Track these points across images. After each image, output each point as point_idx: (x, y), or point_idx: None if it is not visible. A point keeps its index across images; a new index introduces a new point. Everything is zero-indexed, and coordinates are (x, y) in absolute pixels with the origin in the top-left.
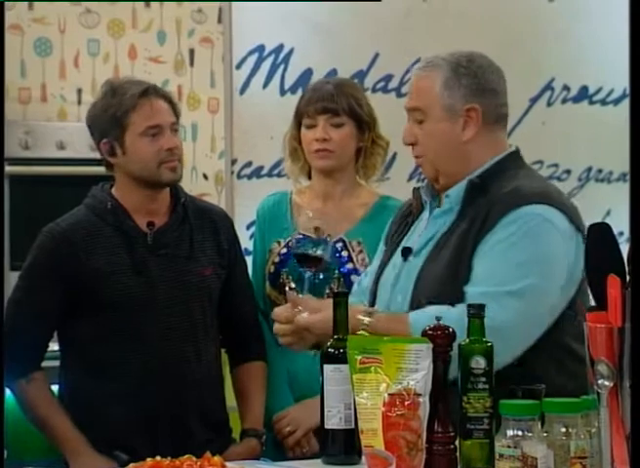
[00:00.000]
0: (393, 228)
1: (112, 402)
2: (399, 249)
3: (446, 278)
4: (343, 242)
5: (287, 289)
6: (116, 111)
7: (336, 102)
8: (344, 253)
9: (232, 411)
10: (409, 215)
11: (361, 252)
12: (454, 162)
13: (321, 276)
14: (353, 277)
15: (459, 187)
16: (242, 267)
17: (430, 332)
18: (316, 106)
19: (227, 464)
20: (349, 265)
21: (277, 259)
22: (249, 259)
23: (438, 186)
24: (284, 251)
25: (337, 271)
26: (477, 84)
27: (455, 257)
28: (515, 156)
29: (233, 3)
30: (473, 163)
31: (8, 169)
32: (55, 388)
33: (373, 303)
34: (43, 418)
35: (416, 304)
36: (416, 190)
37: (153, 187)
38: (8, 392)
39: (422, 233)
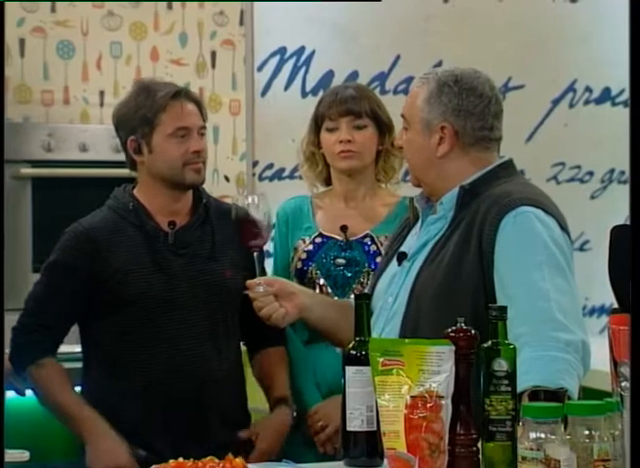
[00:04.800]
0: (391, 239)
1: (132, 401)
2: (395, 256)
3: (444, 282)
4: (371, 237)
5: (317, 285)
6: (147, 110)
7: (358, 105)
8: (373, 248)
9: (254, 413)
10: (406, 227)
11: None
12: (429, 174)
13: (349, 273)
14: (373, 276)
15: (451, 194)
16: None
17: (452, 334)
18: (339, 109)
19: (249, 466)
20: (379, 259)
21: (304, 256)
22: (270, 261)
23: (425, 194)
24: (310, 247)
25: (366, 265)
26: (456, 104)
27: (454, 261)
28: (507, 165)
29: (255, 5)
30: (453, 178)
31: (30, 171)
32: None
33: None
34: (56, 401)
35: (414, 306)
36: (411, 200)
37: (176, 188)
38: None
39: (416, 239)
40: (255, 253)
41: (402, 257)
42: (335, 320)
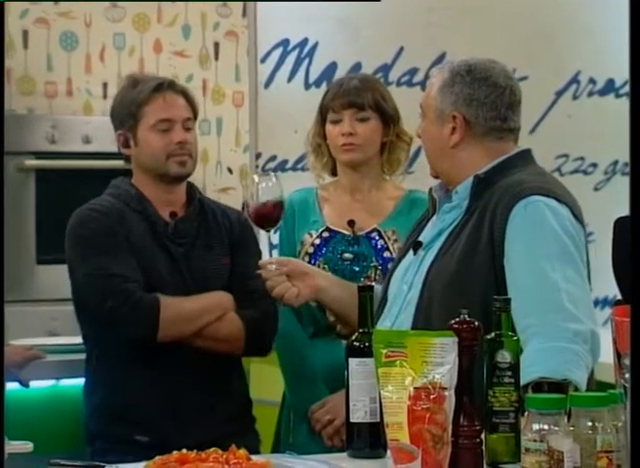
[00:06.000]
0: (411, 229)
1: (135, 387)
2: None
3: (457, 272)
4: (378, 232)
5: None
6: (131, 104)
7: (361, 97)
8: (381, 243)
9: (258, 405)
10: (425, 217)
11: (396, 241)
12: (444, 163)
13: (357, 267)
14: (390, 265)
15: (466, 183)
16: (248, 251)
17: (456, 326)
18: (342, 101)
19: (253, 457)
20: (386, 254)
21: (311, 250)
22: (275, 253)
23: (442, 183)
24: (317, 241)
25: (373, 260)
26: (467, 94)
27: (467, 251)
28: (525, 155)
29: None
30: (467, 167)
31: (34, 162)
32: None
33: (384, 297)
34: (193, 307)
35: (427, 295)
36: (430, 191)
37: (163, 181)
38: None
39: (432, 228)
40: (267, 235)
41: (417, 246)
42: (350, 303)
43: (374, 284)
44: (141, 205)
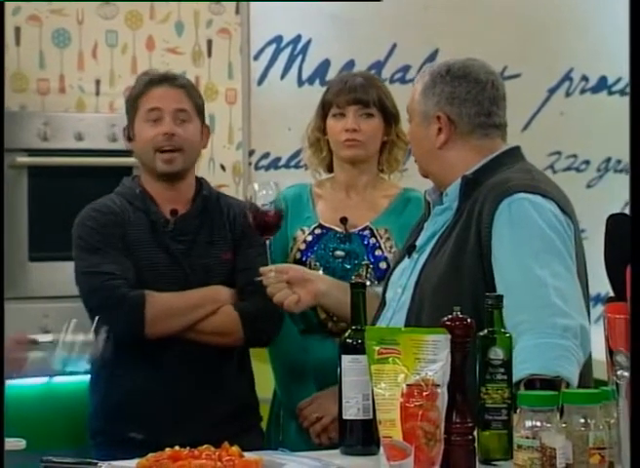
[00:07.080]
0: (410, 232)
1: (133, 384)
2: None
3: (446, 273)
4: (371, 230)
5: None
6: (130, 97)
7: (367, 94)
8: (372, 241)
9: (263, 403)
10: (423, 220)
11: (389, 239)
12: (433, 165)
13: (348, 265)
14: (382, 264)
15: (455, 184)
16: (250, 243)
17: (448, 323)
18: (347, 97)
19: (245, 454)
20: (378, 252)
21: (303, 246)
22: None
23: (435, 186)
24: (309, 238)
25: (365, 258)
26: (449, 93)
27: (455, 253)
28: (514, 152)
29: None
30: (456, 168)
31: (26, 159)
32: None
33: (383, 300)
34: (179, 302)
35: (418, 297)
36: (425, 193)
37: (160, 179)
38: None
39: (425, 231)
40: (267, 242)
41: (412, 250)
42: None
43: (367, 281)
44: (144, 203)
